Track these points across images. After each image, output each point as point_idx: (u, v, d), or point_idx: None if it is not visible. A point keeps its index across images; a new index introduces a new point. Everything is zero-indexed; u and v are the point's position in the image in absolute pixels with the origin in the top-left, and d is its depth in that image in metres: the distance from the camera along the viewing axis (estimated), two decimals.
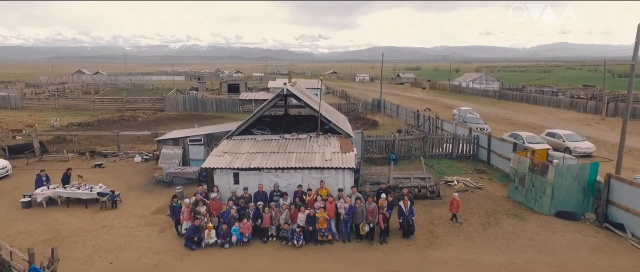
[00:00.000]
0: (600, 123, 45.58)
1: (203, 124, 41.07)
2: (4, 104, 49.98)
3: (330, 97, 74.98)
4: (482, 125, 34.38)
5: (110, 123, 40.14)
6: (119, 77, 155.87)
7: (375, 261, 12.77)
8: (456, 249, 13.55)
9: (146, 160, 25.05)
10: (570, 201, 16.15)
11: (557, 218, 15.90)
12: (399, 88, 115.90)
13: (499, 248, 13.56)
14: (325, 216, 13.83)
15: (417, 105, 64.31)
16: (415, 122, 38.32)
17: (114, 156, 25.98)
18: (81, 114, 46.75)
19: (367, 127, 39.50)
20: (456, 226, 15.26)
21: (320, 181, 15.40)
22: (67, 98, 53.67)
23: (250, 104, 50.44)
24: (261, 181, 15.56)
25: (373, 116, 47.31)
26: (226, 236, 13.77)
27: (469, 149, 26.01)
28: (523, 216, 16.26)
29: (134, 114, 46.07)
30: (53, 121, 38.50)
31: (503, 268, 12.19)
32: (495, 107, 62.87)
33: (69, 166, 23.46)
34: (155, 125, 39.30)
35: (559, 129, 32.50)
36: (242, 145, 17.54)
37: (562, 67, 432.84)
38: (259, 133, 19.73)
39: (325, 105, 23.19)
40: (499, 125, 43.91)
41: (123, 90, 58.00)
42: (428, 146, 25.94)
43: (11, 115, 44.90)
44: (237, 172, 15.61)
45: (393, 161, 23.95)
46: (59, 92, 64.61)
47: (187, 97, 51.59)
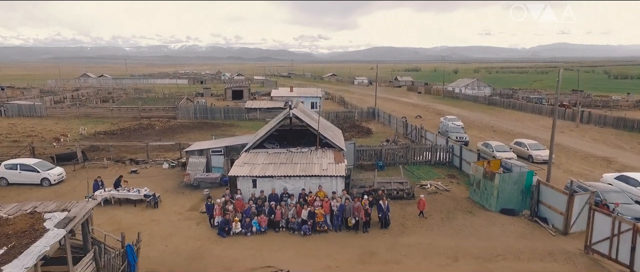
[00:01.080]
0: (573, 130, 50.34)
1: (214, 131, 46.07)
2: (30, 112, 54.82)
3: (329, 103, 79.74)
4: (461, 135, 39.10)
5: (132, 131, 45.00)
6: (123, 80, 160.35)
7: (358, 245, 17.61)
8: (419, 236, 18.41)
9: (172, 167, 29.89)
10: (512, 200, 21.00)
11: (501, 214, 20.76)
12: (395, 92, 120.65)
13: (450, 236, 18.41)
14: (322, 212, 18.68)
15: (411, 112, 69.21)
16: (404, 130, 43.17)
17: (144, 162, 30.82)
18: (102, 122, 51.60)
19: (362, 135, 44.30)
20: (422, 220, 20.12)
21: (318, 185, 20.27)
22: (87, 106, 58.54)
23: (256, 112, 55.62)
24: (273, 186, 20.41)
25: (368, 124, 52.08)
26: (248, 227, 18.61)
27: (445, 156, 30.86)
28: (475, 212, 21.13)
29: (151, 122, 50.91)
30: (81, 130, 43.33)
31: (450, 249, 17.03)
32: (484, 113, 67.66)
33: (107, 172, 28.36)
34: (172, 133, 44.17)
35: (525, 138, 37.33)
36: (257, 157, 22.40)
37: (560, 68, 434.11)
38: (270, 146, 24.54)
39: (322, 121, 28.05)
40: (481, 132, 48.74)
41: (138, 99, 62.79)
42: (410, 154, 30.80)
43: (39, 124, 49.71)
44: (255, 179, 20.47)
45: (380, 167, 28.85)
46: (78, 100, 69.48)
47: (197, 106, 56.42)
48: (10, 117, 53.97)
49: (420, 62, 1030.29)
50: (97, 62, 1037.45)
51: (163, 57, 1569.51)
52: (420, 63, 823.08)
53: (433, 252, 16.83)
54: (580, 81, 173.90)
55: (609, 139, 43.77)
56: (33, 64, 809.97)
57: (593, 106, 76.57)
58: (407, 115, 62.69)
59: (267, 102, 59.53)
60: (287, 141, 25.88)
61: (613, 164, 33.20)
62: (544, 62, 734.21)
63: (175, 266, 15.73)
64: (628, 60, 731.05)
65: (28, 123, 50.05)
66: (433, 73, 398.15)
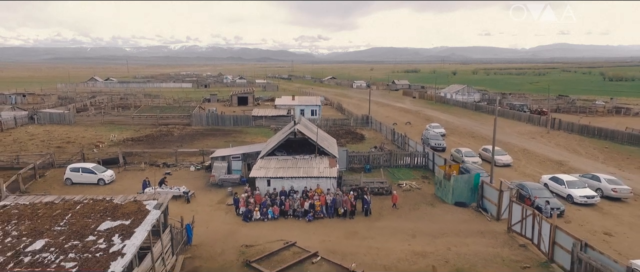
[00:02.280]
0: (544, 136, 57.23)
1: (225, 137, 53.03)
2: (61, 120, 61.76)
3: (327, 109, 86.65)
4: (439, 142, 46.00)
5: (155, 138, 51.97)
6: (130, 84, 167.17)
7: (345, 227, 24.51)
8: (390, 221, 25.33)
9: (198, 169, 36.81)
10: (463, 195, 27.92)
11: (455, 206, 27.68)
12: (391, 96, 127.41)
13: (413, 221, 25.34)
14: (319, 204, 25.58)
15: (403, 117, 76.18)
16: (392, 137, 50.10)
17: (174, 166, 37.74)
18: (125, 129, 58.54)
19: (356, 141, 51.23)
20: (394, 210, 27.03)
21: (317, 184, 27.17)
22: (110, 115, 65.53)
23: (261, 120, 62.61)
24: (283, 184, 27.31)
25: (361, 130, 58.99)
26: (265, 215, 25.51)
27: (422, 161, 37.78)
28: (436, 204, 28.07)
29: (169, 129, 57.85)
30: (112, 137, 50.28)
31: (410, 230, 23.93)
32: (469, 119, 74.57)
33: (144, 175, 35.19)
34: (190, 140, 51.11)
35: (490, 145, 44.11)
36: (270, 163, 29.32)
37: (558, 70, 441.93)
38: (279, 154, 31.44)
39: (320, 133, 34.97)
40: (461, 138, 55.64)
41: (156, 108, 69.75)
42: (393, 159, 37.74)
43: (71, 131, 56.61)
44: (269, 179, 27.38)
45: (367, 170, 35.80)
46: (101, 108, 76.56)
47: (209, 114, 63.34)
48: (43, 124, 60.86)
49: (420, 62, 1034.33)
50: (98, 62, 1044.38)
51: (163, 57, 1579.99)
52: (420, 64, 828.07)
53: (398, 231, 23.74)
54: (575, 83, 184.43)
55: (570, 145, 50.71)
56: (34, 64, 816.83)
57: (573, 112, 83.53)
58: (399, 121, 69.81)
59: (271, 110, 66.46)
60: (292, 149, 32.79)
61: (563, 166, 40.10)
62: (543, 63, 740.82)
63: (217, 240, 22.64)
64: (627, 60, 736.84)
65: (60, 130, 56.95)
66: (432, 75, 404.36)
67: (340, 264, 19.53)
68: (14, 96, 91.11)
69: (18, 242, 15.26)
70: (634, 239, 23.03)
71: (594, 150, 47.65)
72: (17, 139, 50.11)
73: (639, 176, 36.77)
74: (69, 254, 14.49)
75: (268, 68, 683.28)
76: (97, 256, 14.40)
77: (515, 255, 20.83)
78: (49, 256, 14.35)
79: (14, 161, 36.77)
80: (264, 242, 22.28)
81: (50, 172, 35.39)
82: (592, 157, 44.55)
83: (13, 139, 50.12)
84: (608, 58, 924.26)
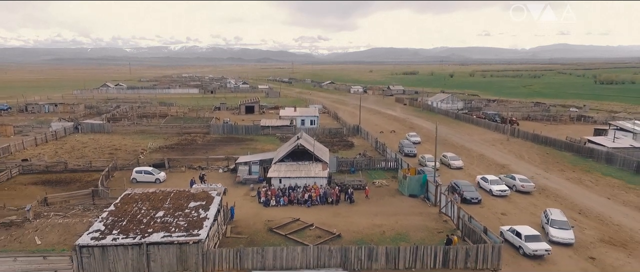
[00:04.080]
0: (503, 143, 70.02)
1: (239, 144, 65.88)
2: (100, 129, 74.66)
3: (325, 117, 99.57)
4: (411, 149, 58.84)
5: (184, 145, 64.90)
6: (140, 90, 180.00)
7: (332, 210, 37.42)
8: (362, 206, 38.26)
9: (225, 172, 49.69)
10: (415, 190, 40.80)
11: (409, 197, 40.58)
12: (385, 103, 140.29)
13: (377, 206, 38.25)
14: (315, 195, 38.52)
15: (390, 125, 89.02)
16: (375, 145, 62.97)
17: (206, 169, 50.62)
18: (156, 137, 71.40)
19: (346, 148, 64.10)
20: (366, 199, 39.95)
21: (313, 182, 40.12)
22: (141, 125, 78.47)
23: (268, 129, 75.41)
24: (290, 182, 40.23)
25: (352, 138, 71.86)
26: (278, 202, 38.45)
27: (394, 165, 50.65)
28: (396, 196, 41.00)
29: (193, 138, 70.75)
30: (150, 145, 63.19)
31: (375, 211, 36.82)
32: (448, 127, 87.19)
33: (186, 176, 47.99)
34: (212, 147, 63.95)
35: (449, 152, 56.88)
36: (281, 167, 42.27)
37: (554, 72, 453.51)
38: (287, 161, 44.34)
39: (317, 145, 47.83)
40: (434, 145, 68.37)
41: (179, 119, 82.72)
42: (372, 163, 50.65)
43: (112, 139, 69.47)
44: (280, 178, 40.33)
45: (352, 171, 48.72)
46: (126, 116, 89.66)
47: (225, 124, 76.27)
48: (86, 133, 73.77)
49: (420, 63, 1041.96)
50: (98, 63, 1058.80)
51: (164, 58, 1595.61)
52: (420, 65, 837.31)
53: (366, 212, 36.64)
54: (567, 86, 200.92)
55: (519, 151, 63.52)
56: (35, 66, 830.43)
57: (540, 119, 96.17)
58: (385, 129, 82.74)
59: (276, 121, 79.39)
60: (296, 156, 45.62)
61: (504, 169, 52.83)
62: (542, 63, 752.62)
63: (248, 217, 35.50)
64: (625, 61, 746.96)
65: (103, 139, 69.84)
66: (430, 77, 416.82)
67: (327, 230, 32.43)
68: (48, 106, 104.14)
69: (147, 212, 28.21)
70: (519, 217, 35.87)
71: (536, 155, 60.49)
72: (74, 147, 63.04)
73: (556, 176, 49.66)
74: (179, 218, 27.44)
75: (268, 69, 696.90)
76: (194, 219, 27.34)
77: (436, 226, 33.72)
78: (169, 219, 27.30)
79: (88, 165, 49.64)
80: (278, 218, 35.16)
81: (117, 173, 48.30)
82: (531, 161, 57.39)
83: (71, 147, 63.06)
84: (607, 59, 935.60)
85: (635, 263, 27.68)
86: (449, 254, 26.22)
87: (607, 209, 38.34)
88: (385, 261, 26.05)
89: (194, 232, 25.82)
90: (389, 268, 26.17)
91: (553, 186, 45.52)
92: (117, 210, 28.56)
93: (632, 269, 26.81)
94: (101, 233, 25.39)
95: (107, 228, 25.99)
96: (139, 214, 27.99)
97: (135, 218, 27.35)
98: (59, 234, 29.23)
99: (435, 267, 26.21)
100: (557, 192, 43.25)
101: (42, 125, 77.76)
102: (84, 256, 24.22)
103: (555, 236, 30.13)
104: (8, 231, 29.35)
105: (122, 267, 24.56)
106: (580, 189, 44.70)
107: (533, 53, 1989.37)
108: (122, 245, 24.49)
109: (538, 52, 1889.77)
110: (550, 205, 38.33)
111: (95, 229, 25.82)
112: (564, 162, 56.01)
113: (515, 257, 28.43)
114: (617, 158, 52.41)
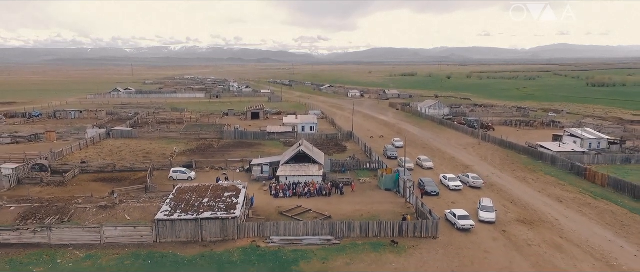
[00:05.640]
0: (475, 147, 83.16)
1: (250, 148, 79.03)
2: (129, 135, 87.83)
3: (323, 122, 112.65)
4: (393, 153, 72.01)
5: (203, 149, 78.07)
6: (150, 95, 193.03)
7: (325, 200, 50.63)
8: (349, 198, 51.52)
9: (241, 171, 62.82)
10: (390, 185, 54.05)
11: (385, 191, 53.80)
12: (379, 108, 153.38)
13: (360, 197, 51.51)
14: (313, 189, 51.73)
15: (380, 130, 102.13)
16: (364, 149, 76.16)
17: (225, 169, 63.75)
18: (178, 142, 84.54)
19: (339, 151, 77.24)
20: (353, 193, 53.17)
21: (312, 179, 53.35)
22: (163, 131, 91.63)
23: (274, 135, 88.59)
24: (294, 179, 53.48)
25: (346, 143, 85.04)
26: (285, 194, 51.67)
27: (377, 166, 63.79)
28: (375, 190, 54.26)
29: (210, 142, 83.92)
30: (175, 149, 76.37)
31: (359, 200, 50.03)
32: (431, 132, 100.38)
33: (208, 175, 61.15)
34: (227, 150, 77.04)
35: (423, 156, 70.00)
36: (287, 168, 55.52)
37: (551, 73, 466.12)
38: (291, 163, 57.55)
39: (315, 150, 61.02)
40: (415, 149, 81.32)
41: (196, 126, 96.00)
42: (359, 164, 63.86)
43: (141, 144, 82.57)
44: (287, 176, 53.60)
45: (343, 171, 61.95)
46: (147, 122, 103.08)
47: (236, 131, 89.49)
48: (117, 138, 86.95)
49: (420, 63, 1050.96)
50: (98, 63, 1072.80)
51: (164, 58, 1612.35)
52: (419, 65, 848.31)
53: (351, 201, 49.85)
54: (559, 89, 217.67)
55: (485, 154, 76.65)
56: (37, 67, 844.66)
57: (515, 125, 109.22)
58: (375, 134, 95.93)
59: (280, 128, 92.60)
60: (299, 159, 58.75)
61: (468, 169, 65.85)
62: (541, 64, 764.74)
63: (263, 205, 48.65)
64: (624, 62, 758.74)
65: (133, 144, 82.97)
66: (428, 78, 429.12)
67: (321, 213, 45.58)
68: (74, 112, 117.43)
69: (197, 199, 41.44)
70: (463, 205, 48.86)
71: (498, 158, 73.64)
72: (111, 151, 76.22)
73: (507, 175, 62.80)
74: (219, 203, 40.66)
75: (268, 70, 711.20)
76: (229, 203, 40.55)
77: (401, 211, 46.84)
78: (212, 203, 40.54)
79: (131, 166, 62.82)
80: (285, 206, 48.32)
81: (156, 173, 61.46)
82: (492, 163, 70.52)
83: (109, 151, 76.27)
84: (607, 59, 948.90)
85: (531, 233, 40.84)
86: (402, 227, 39.38)
87: (534, 199, 51.55)
88: (360, 231, 39.21)
89: (230, 211, 39.00)
90: (362, 236, 39.29)
91: (501, 182, 58.72)
92: (175, 198, 41.76)
93: (526, 237, 39.95)
94: (169, 212, 38.58)
95: (172, 209, 39.18)
96: (191, 200, 41.18)
97: (189, 203, 40.54)
98: (139, 213, 42.33)
99: (393, 235, 39.33)
100: (501, 187, 56.48)
101: (78, 132, 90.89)
102: (160, 227, 37.37)
103: (482, 217, 43.33)
104: (106, 211, 42.44)
105: (184, 234, 37.72)
106: (521, 184, 57.91)
107: (533, 53, 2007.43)
108: (185, 219, 37.68)
109: (538, 53, 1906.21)
110: (493, 197, 51.44)
111: (165, 210, 39.02)
112: (518, 164, 69.12)
113: (451, 230, 41.57)
114: (558, 160, 65.54)
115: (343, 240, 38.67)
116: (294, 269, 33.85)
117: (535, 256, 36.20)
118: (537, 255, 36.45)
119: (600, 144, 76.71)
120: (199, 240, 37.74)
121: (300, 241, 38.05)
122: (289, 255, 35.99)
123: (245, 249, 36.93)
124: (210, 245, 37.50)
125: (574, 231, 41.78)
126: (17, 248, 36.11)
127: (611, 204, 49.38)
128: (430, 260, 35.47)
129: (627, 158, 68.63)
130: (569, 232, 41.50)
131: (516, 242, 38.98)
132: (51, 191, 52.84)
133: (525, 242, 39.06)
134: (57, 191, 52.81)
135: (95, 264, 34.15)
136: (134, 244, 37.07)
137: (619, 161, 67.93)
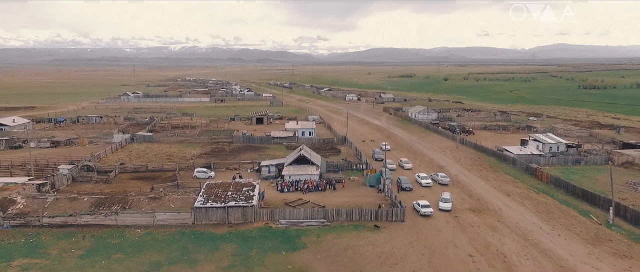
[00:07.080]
0: (452, 151, 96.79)
1: (257, 151, 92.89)
2: (150, 140, 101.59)
3: (321, 127, 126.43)
4: (380, 156, 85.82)
5: (217, 152, 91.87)
6: (158, 99, 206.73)
7: (321, 194, 64.55)
8: (340, 193, 65.49)
9: (252, 172, 76.63)
10: (373, 182, 67.96)
11: (369, 187, 67.66)
12: (374, 112, 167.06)
13: (349, 192, 65.43)
14: (311, 186, 65.61)
15: (371, 135, 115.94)
16: (355, 152, 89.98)
17: (238, 170, 77.56)
18: (193, 146, 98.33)
19: (334, 154, 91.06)
20: (343, 189, 67.07)
21: (310, 177, 67.24)
22: (180, 136, 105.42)
23: (278, 139, 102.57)
24: (296, 178, 67.37)
25: (340, 146, 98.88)
26: (289, 190, 65.55)
27: (365, 167, 77.58)
28: (361, 187, 68.22)
29: (221, 146, 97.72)
30: (193, 152, 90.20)
31: (348, 194, 63.88)
32: (417, 136, 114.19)
33: (225, 176, 74.98)
34: (237, 153, 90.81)
35: (404, 158, 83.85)
36: (290, 168, 69.46)
37: (547, 74, 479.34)
38: (293, 165, 71.40)
39: (314, 153, 74.91)
40: (400, 152, 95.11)
41: (209, 131, 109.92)
42: (350, 166, 77.70)
43: (162, 148, 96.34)
44: (290, 175, 67.55)
45: (336, 172, 75.86)
46: (173, 131, 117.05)
47: (244, 136, 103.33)
48: (140, 143, 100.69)
49: (420, 63, 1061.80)
50: (99, 64, 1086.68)
51: (164, 59, 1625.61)
52: (419, 66, 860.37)
53: (342, 195, 63.72)
54: (551, 91, 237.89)
55: (460, 157, 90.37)
56: (37, 67, 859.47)
57: (493, 129, 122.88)
58: (367, 139, 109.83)
59: (282, 133, 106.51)
60: (299, 162, 72.55)
61: (442, 169, 79.60)
62: (539, 65, 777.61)
63: (272, 199, 62.45)
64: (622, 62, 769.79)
65: (155, 148, 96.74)
66: (426, 80, 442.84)
67: (317, 204, 59.36)
68: (95, 118, 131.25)
69: (223, 192, 55.38)
70: (430, 198, 62.50)
71: (470, 160, 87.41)
72: (138, 154, 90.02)
73: (473, 175, 76.60)
74: (240, 195, 54.59)
75: (268, 70, 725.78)
76: (248, 195, 54.46)
77: (380, 202, 60.57)
78: (235, 195, 54.47)
79: (160, 167, 76.60)
80: (289, 199, 62.07)
81: (182, 173, 75.22)
82: (463, 164, 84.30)
83: (136, 154, 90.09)
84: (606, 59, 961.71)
85: (477, 219, 54.63)
86: (378, 213, 53.19)
87: (489, 194, 65.33)
88: (346, 216, 53.01)
89: (249, 201, 52.83)
90: (348, 220, 53.04)
91: (466, 180, 72.53)
92: (206, 191, 55.61)
93: (472, 221, 53.74)
94: (203, 202, 52.38)
95: (205, 200, 52.99)
96: (219, 193, 55.02)
97: (217, 195, 54.37)
98: (180, 203, 56.13)
99: (371, 220, 53.06)
100: (465, 184, 70.27)
101: (106, 137, 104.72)
102: (197, 213, 51.18)
103: (441, 206, 57.17)
104: (155, 201, 56.23)
105: (215, 218, 51.50)
106: (482, 182, 71.69)
107: (532, 53, 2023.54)
108: (215, 207, 51.49)
109: (537, 53, 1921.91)
110: (456, 192, 65.18)
111: (200, 201, 52.84)
112: (486, 165, 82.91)
113: (416, 216, 55.34)
114: (518, 162, 79.31)
115: (333, 222, 52.49)
116: (297, 241, 47.66)
117: (474, 234, 50.02)
118: (475, 233, 50.28)
119: (559, 148, 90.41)
120: (226, 223, 51.53)
121: (301, 223, 51.82)
122: (293, 232, 49.78)
123: (261, 229, 50.73)
124: (234, 226, 51.29)
125: (510, 217, 55.61)
126: (94, 228, 49.94)
127: (548, 198, 63.20)
128: (397, 236, 49.30)
129: (577, 160, 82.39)
130: (506, 217, 55.33)
131: (463, 225, 52.81)
132: (100, 187, 66.63)
133: (470, 224, 52.90)
134: (105, 187, 66.60)
135: (154, 238, 47.97)
136: (178, 225, 50.90)
137: (570, 163, 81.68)
